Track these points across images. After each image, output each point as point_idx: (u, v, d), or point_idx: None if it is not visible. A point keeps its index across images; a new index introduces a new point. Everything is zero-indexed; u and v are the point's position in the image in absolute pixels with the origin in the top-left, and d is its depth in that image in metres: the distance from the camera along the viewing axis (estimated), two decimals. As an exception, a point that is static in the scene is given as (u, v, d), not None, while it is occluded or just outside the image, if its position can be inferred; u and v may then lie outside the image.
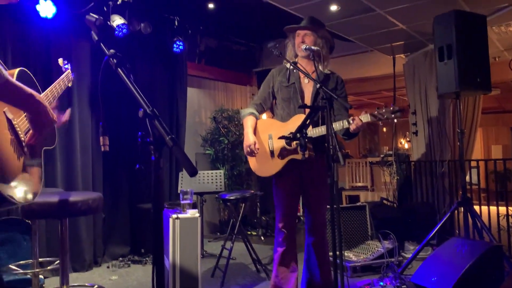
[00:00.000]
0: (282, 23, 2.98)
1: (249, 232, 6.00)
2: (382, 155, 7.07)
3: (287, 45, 2.97)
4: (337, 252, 2.33)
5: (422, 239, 3.75)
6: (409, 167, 5.61)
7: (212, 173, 4.73)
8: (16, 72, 1.65)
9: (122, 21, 4.27)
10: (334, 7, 4.23)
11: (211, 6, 5.24)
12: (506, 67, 5.26)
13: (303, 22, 2.89)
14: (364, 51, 6.03)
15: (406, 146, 11.36)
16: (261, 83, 3.09)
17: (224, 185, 4.74)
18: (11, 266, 3.25)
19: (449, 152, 5.11)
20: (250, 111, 2.95)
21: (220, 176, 4.70)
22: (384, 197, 5.55)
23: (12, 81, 1.35)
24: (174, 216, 3.20)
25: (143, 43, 4.92)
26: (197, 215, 3.32)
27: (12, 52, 3.80)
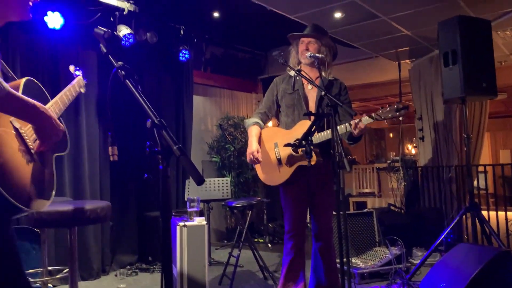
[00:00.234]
0: (286, 30, 3.01)
1: (256, 240, 6.00)
2: (389, 161, 7.04)
3: (290, 52, 3.00)
4: (344, 259, 2.33)
5: (430, 245, 3.74)
6: (416, 173, 5.60)
7: (218, 180, 4.74)
8: (22, 82, 1.65)
9: (128, 31, 4.33)
10: (338, 14, 4.25)
11: (216, 14, 5.29)
12: (512, 71, 5.26)
13: (307, 29, 2.92)
14: (369, 57, 6.04)
15: (413, 151, 11.31)
16: (266, 90, 3.12)
17: (231, 192, 4.75)
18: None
19: (456, 157, 5.10)
20: (254, 120, 2.97)
21: (226, 183, 4.72)
22: (392, 203, 5.53)
23: (14, 93, 1.34)
24: (181, 223, 3.21)
25: (149, 53, 4.98)
26: (204, 222, 3.33)
27: (21, 62, 3.86)
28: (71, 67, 2.38)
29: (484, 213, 4.01)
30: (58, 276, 3.42)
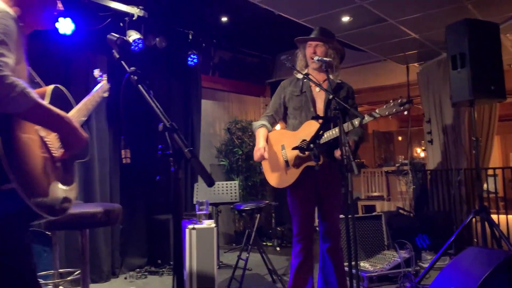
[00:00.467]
0: (294, 34, 3.03)
1: (264, 243, 6.01)
2: (397, 164, 7.00)
3: (297, 55, 3.01)
4: (353, 262, 2.33)
5: (439, 248, 3.72)
6: (425, 176, 5.57)
7: (227, 184, 4.77)
8: (50, 90, 1.69)
9: (138, 36, 4.39)
10: (346, 18, 4.27)
11: (224, 19, 5.33)
12: (522, 74, 5.21)
13: (314, 33, 2.92)
14: (377, 61, 6.04)
15: (421, 155, 11.24)
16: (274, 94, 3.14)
17: (239, 195, 4.77)
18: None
19: (465, 161, 5.07)
20: (261, 123, 2.99)
21: (235, 186, 4.74)
22: (400, 206, 5.51)
23: (42, 103, 1.36)
24: (191, 226, 3.24)
25: (158, 57, 5.03)
26: (213, 225, 3.36)
27: (33, 67, 3.91)
28: (96, 72, 2.39)
29: (494, 216, 3.97)
30: (69, 278, 3.45)
